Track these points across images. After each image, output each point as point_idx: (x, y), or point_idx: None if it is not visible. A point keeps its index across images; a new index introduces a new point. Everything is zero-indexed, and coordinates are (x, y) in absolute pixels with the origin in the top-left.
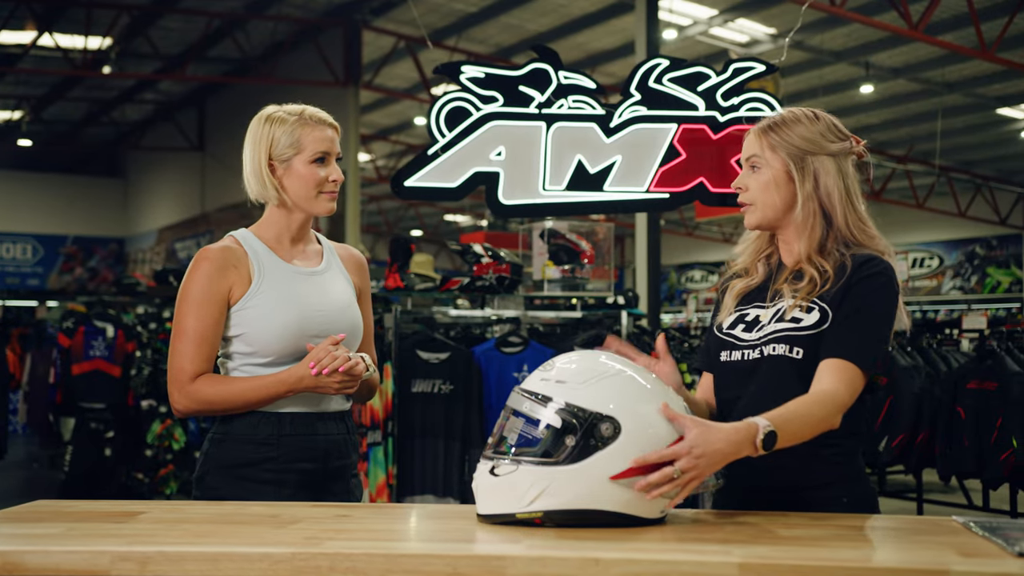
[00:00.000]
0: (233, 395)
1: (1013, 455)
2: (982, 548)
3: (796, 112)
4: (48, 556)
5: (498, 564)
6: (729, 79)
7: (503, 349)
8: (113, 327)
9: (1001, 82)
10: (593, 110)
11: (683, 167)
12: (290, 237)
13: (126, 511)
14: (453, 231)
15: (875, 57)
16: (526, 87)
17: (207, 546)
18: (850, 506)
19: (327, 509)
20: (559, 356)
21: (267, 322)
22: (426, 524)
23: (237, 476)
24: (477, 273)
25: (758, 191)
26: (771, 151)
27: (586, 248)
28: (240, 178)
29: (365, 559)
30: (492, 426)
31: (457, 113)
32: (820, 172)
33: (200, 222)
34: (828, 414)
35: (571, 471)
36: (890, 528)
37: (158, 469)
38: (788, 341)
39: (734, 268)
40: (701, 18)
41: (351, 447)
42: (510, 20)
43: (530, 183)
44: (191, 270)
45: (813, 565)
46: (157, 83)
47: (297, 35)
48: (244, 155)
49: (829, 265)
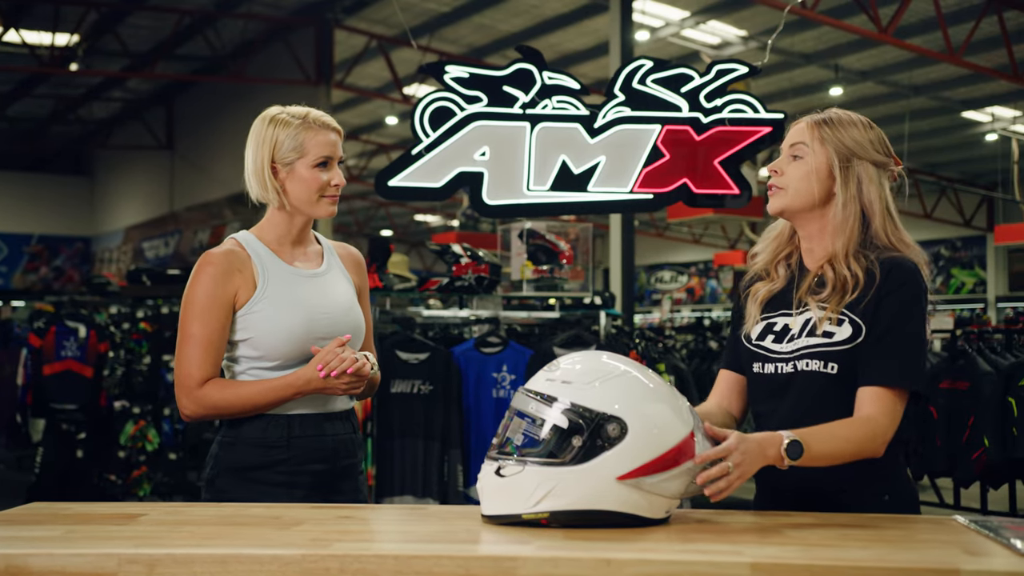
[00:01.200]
0: (242, 399)
1: (985, 454)
2: (988, 548)
3: (852, 116)
4: (53, 559)
5: (510, 565)
6: (712, 80)
7: (482, 349)
8: (85, 327)
9: (967, 86)
10: (577, 110)
11: (667, 168)
12: (291, 239)
13: (126, 513)
14: (424, 231)
15: (844, 60)
16: (510, 87)
17: (215, 548)
18: (891, 505)
19: (329, 511)
20: (563, 357)
21: (274, 325)
22: (431, 525)
23: (248, 479)
24: (456, 273)
25: (795, 178)
26: (820, 143)
27: (565, 248)
28: (209, 177)
29: (376, 560)
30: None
31: (441, 113)
32: (864, 178)
33: (168, 221)
34: (865, 439)
35: (578, 471)
36: (893, 528)
37: (131, 471)
38: (822, 357)
39: (754, 269)
40: (673, 20)
41: (357, 445)
42: (483, 20)
43: (514, 183)
44: (195, 275)
45: (824, 565)
46: (125, 81)
47: (268, 33)
48: (246, 155)
49: (859, 269)
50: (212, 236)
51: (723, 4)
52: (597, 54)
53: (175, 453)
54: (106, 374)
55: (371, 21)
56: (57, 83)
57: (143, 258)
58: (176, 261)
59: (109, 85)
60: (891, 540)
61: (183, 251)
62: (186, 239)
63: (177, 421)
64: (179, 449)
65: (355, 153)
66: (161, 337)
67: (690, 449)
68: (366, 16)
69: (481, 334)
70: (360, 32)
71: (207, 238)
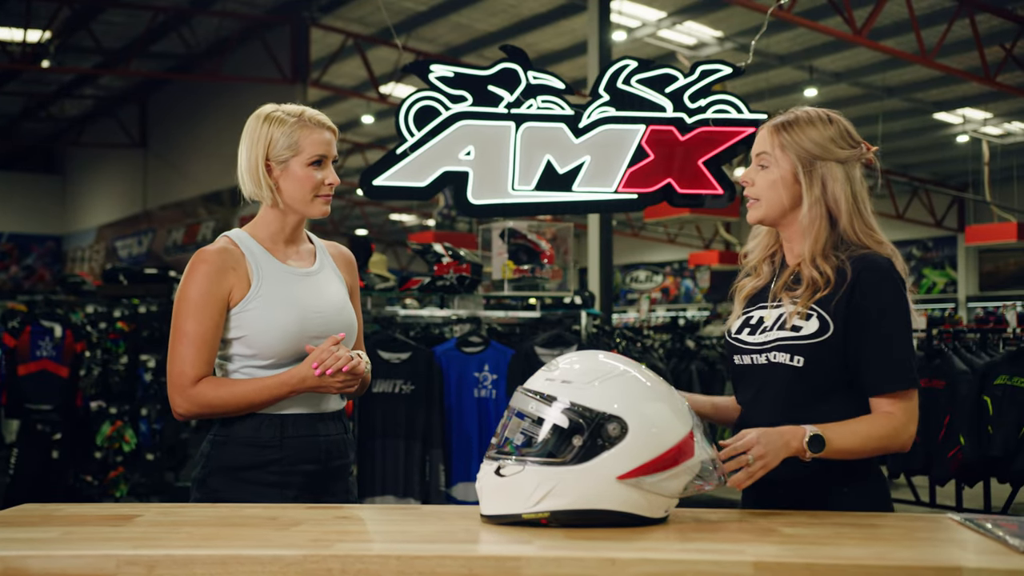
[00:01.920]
0: (236, 398)
1: (960, 453)
2: (986, 546)
3: (811, 113)
4: (52, 560)
5: (513, 565)
6: (696, 81)
7: (464, 349)
8: (61, 327)
9: (939, 87)
10: (562, 110)
11: (651, 168)
12: (284, 238)
13: (120, 514)
14: (399, 231)
15: (818, 61)
16: (495, 87)
17: (215, 549)
18: (857, 500)
19: (326, 511)
20: (562, 356)
21: (268, 324)
22: (431, 525)
23: (240, 479)
24: (438, 273)
25: (764, 188)
26: (780, 151)
27: (546, 248)
28: (183, 176)
29: (379, 561)
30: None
31: (426, 112)
32: (828, 178)
33: (142, 220)
34: (886, 434)
35: (578, 471)
36: (889, 526)
37: (107, 472)
38: (789, 350)
39: (747, 266)
40: (650, 20)
41: (349, 446)
42: (460, 19)
43: (499, 183)
44: (189, 272)
45: (827, 564)
46: (98, 78)
47: (244, 31)
48: (239, 152)
49: (829, 268)
50: (186, 235)
51: (699, 5)
52: (574, 54)
53: (152, 454)
54: (82, 374)
55: (347, 20)
56: (29, 80)
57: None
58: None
59: (82, 82)
60: (888, 538)
61: (157, 250)
62: (160, 238)
63: (155, 421)
64: (156, 450)
65: None
66: (139, 337)
67: (689, 448)
68: (342, 15)
69: (462, 334)
70: (336, 31)
71: (181, 237)
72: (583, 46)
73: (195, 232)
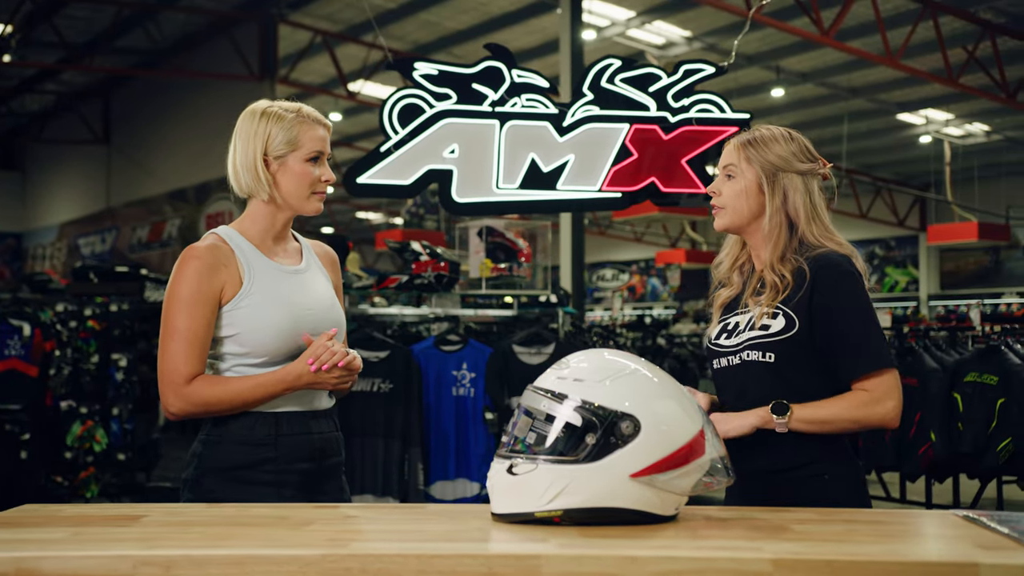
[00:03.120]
0: (231, 395)
1: (931, 449)
2: (998, 542)
3: (774, 131)
4: (66, 561)
5: (534, 563)
6: (679, 80)
7: (442, 348)
8: (30, 325)
9: (902, 88)
10: (546, 109)
11: (635, 167)
12: (274, 235)
13: (125, 515)
14: (365, 228)
15: (785, 62)
16: (479, 85)
17: (232, 549)
18: (831, 483)
19: (334, 510)
20: (571, 355)
21: (261, 322)
22: (442, 524)
23: (235, 478)
24: (416, 271)
25: (730, 197)
26: (747, 163)
27: (523, 246)
28: (148, 173)
29: (399, 560)
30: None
31: (410, 110)
32: (789, 189)
33: (105, 217)
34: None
35: (591, 469)
36: (897, 523)
37: (78, 472)
38: (760, 347)
39: (718, 277)
40: (619, 20)
41: (341, 444)
42: (429, 17)
43: (483, 181)
44: (179, 269)
45: (846, 560)
46: (60, 73)
47: (210, 27)
48: (234, 149)
49: (787, 271)
50: (151, 233)
51: (668, 4)
52: (543, 53)
53: (124, 454)
54: (52, 373)
55: (316, 16)
56: None
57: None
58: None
59: (43, 77)
60: (899, 535)
61: (121, 248)
62: (124, 235)
63: (126, 421)
64: (128, 450)
65: None
66: (110, 336)
67: (700, 446)
68: (311, 11)
69: (440, 332)
70: (305, 27)
71: (146, 235)
72: (553, 44)
73: (160, 230)
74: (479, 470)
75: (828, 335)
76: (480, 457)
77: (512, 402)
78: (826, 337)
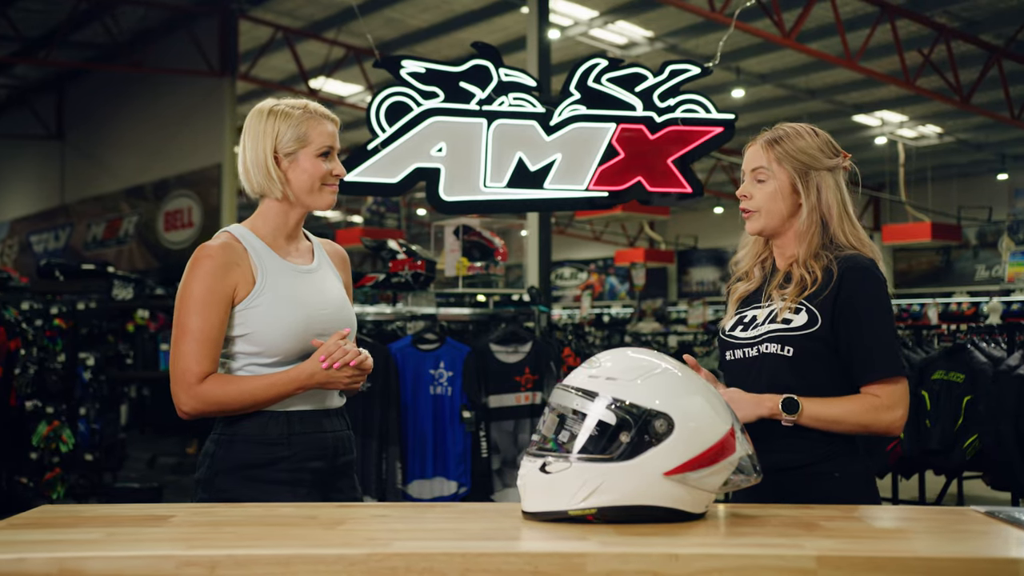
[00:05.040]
0: (244, 395)
1: (899, 446)
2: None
3: (797, 127)
4: (109, 562)
5: (579, 561)
6: (665, 80)
7: (419, 346)
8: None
9: (859, 90)
10: (533, 108)
11: (621, 166)
12: (286, 233)
13: (153, 515)
14: (322, 226)
15: (744, 63)
16: (466, 83)
17: (277, 548)
18: (842, 481)
19: (363, 509)
20: (601, 353)
21: (274, 321)
22: (477, 523)
23: (249, 477)
24: (393, 269)
25: (764, 200)
26: (777, 164)
27: (499, 245)
28: (103, 169)
29: (444, 559)
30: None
31: (397, 108)
32: (822, 186)
33: (59, 214)
34: (865, 408)
35: (626, 467)
36: (924, 519)
37: (44, 473)
38: (780, 341)
39: (738, 273)
40: (582, 19)
41: (352, 442)
42: (392, 14)
43: (471, 180)
44: (192, 268)
45: (888, 556)
46: (12, 66)
47: (170, 22)
48: (243, 148)
49: (818, 268)
50: (107, 230)
51: (631, 5)
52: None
53: (91, 454)
54: (18, 372)
55: (277, 12)
56: None
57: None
58: (69, 255)
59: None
60: (930, 532)
61: (75, 245)
62: (79, 232)
63: (94, 421)
64: (95, 450)
65: None
66: (77, 334)
67: (731, 444)
68: (271, 7)
69: (417, 331)
70: (266, 23)
71: (102, 232)
72: (517, 43)
73: (116, 227)
74: (456, 469)
75: (847, 335)
76: (457, 456)
77: (489, 401)
78: (845, 337)
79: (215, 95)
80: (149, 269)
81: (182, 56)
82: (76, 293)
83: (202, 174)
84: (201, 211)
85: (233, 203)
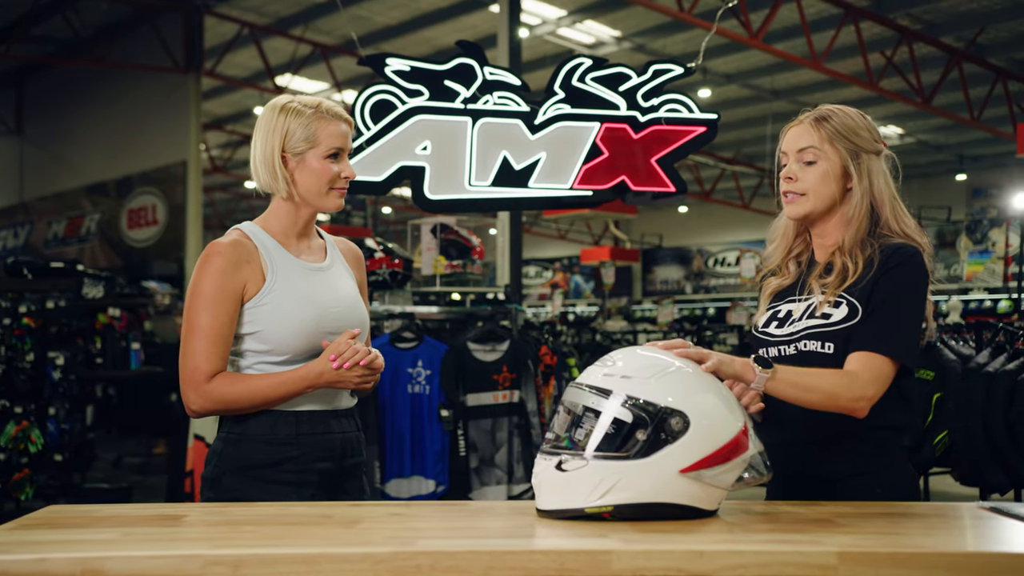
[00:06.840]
0: (253, 393)
1: None
2: None
3: (845, 108)
4: (133, 562)
5: (605, 559)
6: (649, 80)
7: (397, 345)
8: None
9: (822, 91)
10: (518, 107)
11: (605, 165)
12: (297, 231)
13: (167, 514)
14: None
15: (710, 63)
16: (451, 82)
17: (302, 547)
18: (884, 496)
19: (377, 508)
20: (614, 351)
21: (284, 319)
22: (493, 521)
23: (255, 477)
24: (370, 268)
25: (814, 182)
26: (829, 144)
27: (476, 244)
28: (64, 166)
29: (469, 557)
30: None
31: (382, 106)
32: (873, 170)
33: (18, 212)
34: (839, 385)
35: (642, 465)
36: (934, 515)
37: (12, 473)
38: (819, 337)
39: (768, 267)
40: (550, 18)
41: (361, 444)
42: (359, 12)
43: (456, 178)
44: (202, 265)
45: (909, 552)
46: None
47: (134, 17)
48: (253, 144)
49: (862, 257)
50: (68, 228)
51: (599, 4)
52: None
53: (61, 454)
54: None
55: (242, 8)
56: None
57: None
58: (28, 253)
59: None
60: (945, 528)
61: (35, 243)
62: (39, 230)
63: (63, 421)
64: (65, 450)
65: (218, 143)
66: (46, 333)
67: (744, 442)
68: (237, 3)
69: (394, 329)
70: (231, 19)
71: (63, 230)
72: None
73: (78, 225)
74: (434, 467)
75: (869, 312)
76: (435, 454)
77: (467, 399)
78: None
79: (180, 91)
80: (113, 267)
81: (146, 52)
82: (44, 291)
83: (167, 171)
84: (166, 209)
85: (199, 200)
